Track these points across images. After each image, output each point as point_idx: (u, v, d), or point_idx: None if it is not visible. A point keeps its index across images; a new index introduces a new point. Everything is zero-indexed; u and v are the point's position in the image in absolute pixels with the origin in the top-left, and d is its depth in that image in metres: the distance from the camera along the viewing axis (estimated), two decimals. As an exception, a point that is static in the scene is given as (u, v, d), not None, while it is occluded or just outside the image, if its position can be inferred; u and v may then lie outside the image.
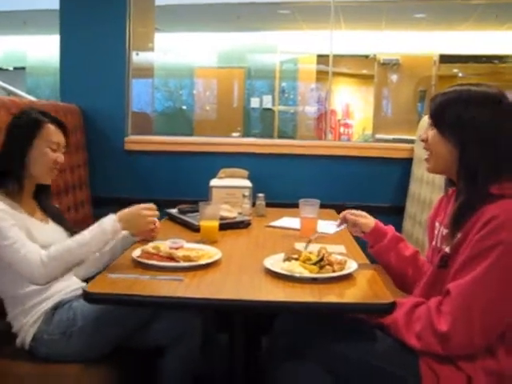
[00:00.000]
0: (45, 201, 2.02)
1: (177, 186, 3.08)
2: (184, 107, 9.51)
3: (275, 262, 1.72)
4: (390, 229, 1.92)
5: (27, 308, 1.83)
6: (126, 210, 1.86)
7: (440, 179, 2.47)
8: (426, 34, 8.87)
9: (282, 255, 1.78)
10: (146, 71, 3.95)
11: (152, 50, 3.91)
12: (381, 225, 1.92)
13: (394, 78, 9.16)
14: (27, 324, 1.82)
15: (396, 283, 1.90)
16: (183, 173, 3.11)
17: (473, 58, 9.31)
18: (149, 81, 4.23)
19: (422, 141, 1.66)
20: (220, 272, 1.72)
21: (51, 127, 1.92)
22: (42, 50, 8.85)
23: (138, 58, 3.37)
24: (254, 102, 8.96)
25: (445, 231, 1.62)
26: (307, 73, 9.51)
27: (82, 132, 3.01)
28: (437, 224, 1.72)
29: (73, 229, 2.00)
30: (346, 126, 9.87)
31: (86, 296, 1.49)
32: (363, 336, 1.61)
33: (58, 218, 2.05)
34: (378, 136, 8.58)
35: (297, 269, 1.65)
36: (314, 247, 1.84)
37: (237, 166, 2.85)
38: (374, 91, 9.24)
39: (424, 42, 8.91)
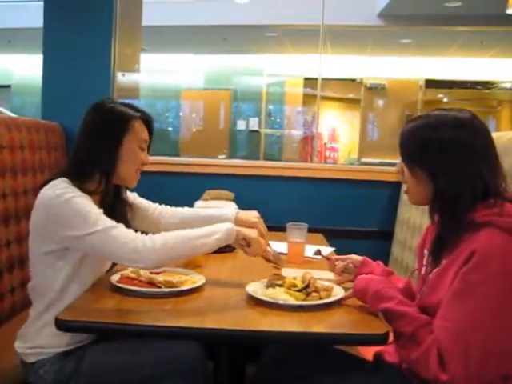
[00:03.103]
0: (117, 212, 1.81)
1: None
2: (170, 129, 9.47)
3: (258, 289, 1.65)
4: (378, 264, 1.84)
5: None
6: (248, 233, 1.74)
7: (430, 203, 2.41)
8: (412, 60, 8.98)
9: (264, 281, 1.71)
10: (132, 92, 3.88)
11: (138, 70, 3.85)
12: (369, 260, 1.85)
13: (381, 102, 9.23)
14: (34, 331, 1.67)
15: None
16: (167, 194, 2.98)
17: (458, 83, 9.41)
18: (134, 102, 4.14)
19: (397, 173, 1.59)
20: (204, 299, 1.64)
21: (139, 122, 1.78)
22: (29, 68, 8.76)
23: (123, 78, 3.30)
24: (241, 125, 8.97)
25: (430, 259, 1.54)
26: (294, 96, 9.55)
27: (64, 151, 2.92)
28: (426, 252, 1.63)
29: None
30: (332, 149, 9.90)
31: (57, 324, 1.40)
32: (359, 368, 1.53)
33: None
34: (364, 160, 8.60)
35: (281, 295, 1.57)
36: (291, 272, 1.77)
37: (222, 188, 2.78)
38: (361, 115, 9.29)
39: (410, 67, 9.02)
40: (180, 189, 3.01)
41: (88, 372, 1.63)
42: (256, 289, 1.65)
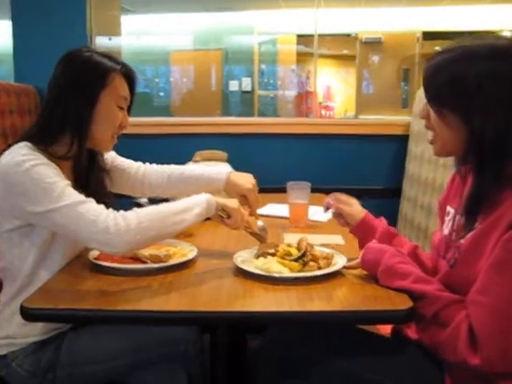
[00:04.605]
0: (93, 181, 1.60)
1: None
2: (161, 94, 9.18)
3: (247, 259, 1.45)
4: (381, 222, 1.58)
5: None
6: (227, 203, 1.51)
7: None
8: (408, 10, 8.66)
9: (254, 249, 1.50)
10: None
11: (119, 34, 3.59)
12: (370, 217, 1.58)
13: (377, 57, 8.95)
14: (4, 319, 1.46)
15: None
16: (155, 157, 2.79)
17: (457, 34, 9.07)
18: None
19: (423, 118, 1.32)
20: (195, 274, 1.42)
21: (119, 77, 1.53)
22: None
23: (102, 42, 3.11)
24: (233, 85, 8.68)
25: (461, 220, 1.29)
26: (287, 54, 9.27)
27: (39, 115, 2.71)
28: (450, 210, 1.39)
29: None
30: (328, 108, 9.68)
31: (23, 312, 1.18)
32: (378, 350, 1.33)
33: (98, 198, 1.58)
34: (361, 117, 8.35)
35: (274, 267, 1.36)
36: (294, 238, 1.55)
37: (214, 148, 2.55)
38: (356, 71, 9.04)
39: (406, 19, 8.72)
40: (169, 151, 2.77)
41: (67, 362, 1.43)
42: (245, 259, 1.45)
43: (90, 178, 1.59)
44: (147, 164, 1.84)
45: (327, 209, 1.62)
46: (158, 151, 2.81)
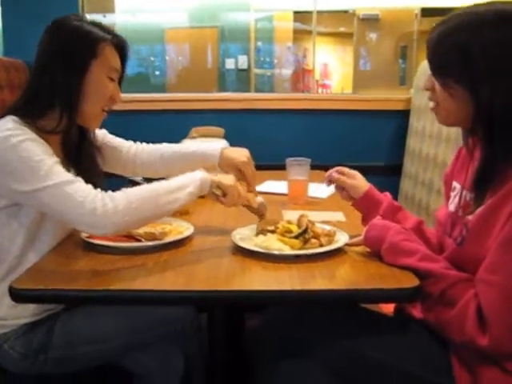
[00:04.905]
0: (84, 157, 1.53)
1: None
2: (157, 72, 9.06)
3: (246, 236, 1.39)
4: (386, 196, 1.52)
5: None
6: (223, 180, 1.45)
7: (448, 131, 2.13)
8: (406, -15, 8.54)
9: (253, 227, 1.45)
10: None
11: (113, 11, 3.50)
12: (374, 191, 1.52)
13: (374, 34, 8.84)
14: None
15: None
16: (151, 134, 2.71)
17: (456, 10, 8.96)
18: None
19: (427, 90, 1.25)
20: (191, 253, 1.37)
21: (110, 47, 1.45)
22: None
23: (94, 19, 3.00)
24: (229, 63, 8.57)
25: (469, 196, 1.24)
26: (283, 32, 9.14)
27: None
28: (456, 185, 1.34)
29: None
30: (325, 86, 9.57)
31: (12, 293, 1.12)
32: (382, 329, 1.29)
33: (87, 176, 1.48)
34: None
35: (275, 244, 1.30)
36: (293, 215, 1.49)
37: (211, 125, 2.48)
38: (354, 49, 8.93)
39: (405, -6, 8.58)
40: (165, 128, 2.74)
41: (60, 344, 1.39)
42: (244, 236, 1.39)
43: (81, 154, 1.52)
44: (138, 143, 1.77)
45: (330, 182, 1.55)
46: (153, 128, 2.76)
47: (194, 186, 1.37)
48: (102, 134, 1.69)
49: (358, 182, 1.53)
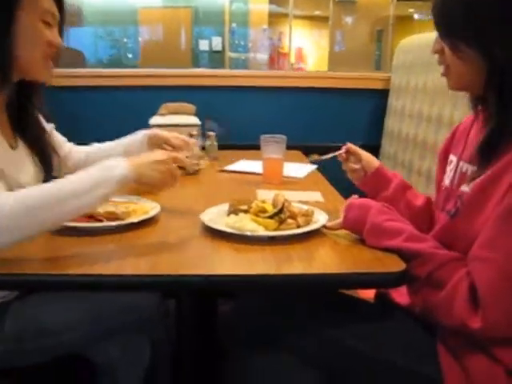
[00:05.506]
0: (27, 116, 1.39)
1: (112, 126, 2.55)
2: (130, 55, 8.87)
3: (217, 216, 1.29)
4: (396, 174, 1.50)
5: None
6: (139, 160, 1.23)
7: (429, 110, 2.05)
8: (383, -32, 8.46)
9: (224, 206, 1.34)
10: (71, 17, 3.40)
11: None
12: (385, 168, 1.51)
13: (350, 18, 8.78)
14: None
15: None
16: (120, 110, 2.63)
17: (432, -5, 8.94)
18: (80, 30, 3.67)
19: (436, 53, 1.16)
20: (156, 234, 1.26)
21: None
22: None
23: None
24: (203, 45, 8.43)
25: (466, 167, 1.16)
26: (258, 14, 9.04)
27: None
28: (452, 158, 1.26)
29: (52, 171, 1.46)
30: (300, 70, 9.50)
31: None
32: (362, 316, 1.20)
33: (38, 146, 1.40)
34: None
35: (248, 225, 1.20)
36: (268, 195, 1.40)
37: (183, 101, 2.36)
38: (330, 32, 8.86)
39: (381, -23, 8.52)
40: (136, 104, 2.64)
41: (13, 337, 1.26)
42: (214, 217, 1.29)
43: (28, 121, 1.39)
44: (72, 144, 1.71)
45: (347, 151, 1.56)
46: (124, 104, 2.64)
47: (108, 187, 1.13)
48: (48, 128, 1.54)
49: (372, 157, 1.53)
